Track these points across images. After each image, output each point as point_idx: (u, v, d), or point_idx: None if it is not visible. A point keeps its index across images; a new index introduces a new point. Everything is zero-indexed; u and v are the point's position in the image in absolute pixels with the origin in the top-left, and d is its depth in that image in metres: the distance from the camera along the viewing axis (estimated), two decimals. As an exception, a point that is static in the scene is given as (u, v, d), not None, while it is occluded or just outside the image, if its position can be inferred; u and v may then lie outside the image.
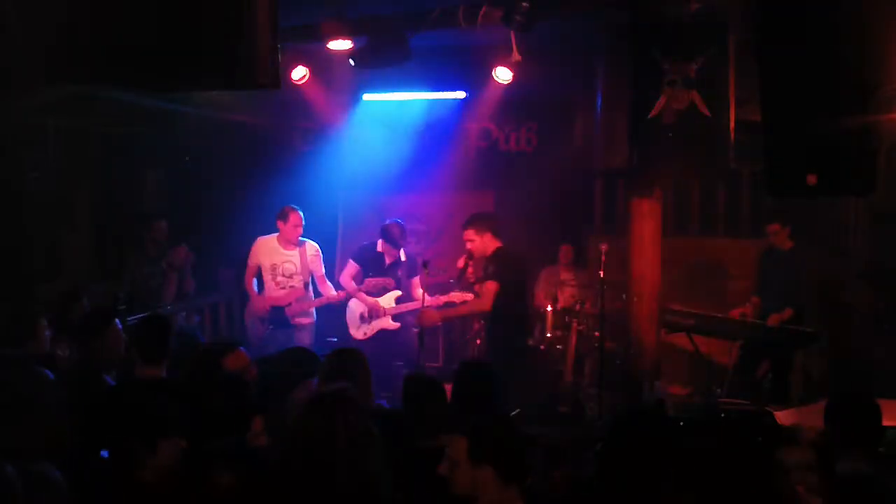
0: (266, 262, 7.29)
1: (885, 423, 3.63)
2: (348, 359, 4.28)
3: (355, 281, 7.48)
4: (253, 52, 3.90)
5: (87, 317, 5.03)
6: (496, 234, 6.47)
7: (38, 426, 3.06)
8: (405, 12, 7.02)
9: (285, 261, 7.27)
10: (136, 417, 3.18)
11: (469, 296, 7.51)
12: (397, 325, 7.46)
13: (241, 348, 4.30)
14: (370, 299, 7.42)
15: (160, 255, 7.26)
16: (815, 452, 3.17)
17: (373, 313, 7.45)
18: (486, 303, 6.33)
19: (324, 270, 7.44)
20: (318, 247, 7.42)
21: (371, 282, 7.34)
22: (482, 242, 6.45)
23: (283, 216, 7.23)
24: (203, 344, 5.07)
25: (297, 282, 7.26)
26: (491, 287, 6.29)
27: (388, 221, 7.47)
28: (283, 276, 7.27)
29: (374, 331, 7.47)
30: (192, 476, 3.11)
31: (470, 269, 6.64)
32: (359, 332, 7.52)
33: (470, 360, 6.07)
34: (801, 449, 3.17)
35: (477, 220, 6.53)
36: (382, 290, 7.39)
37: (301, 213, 7.25)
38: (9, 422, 3.02)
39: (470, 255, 6.54)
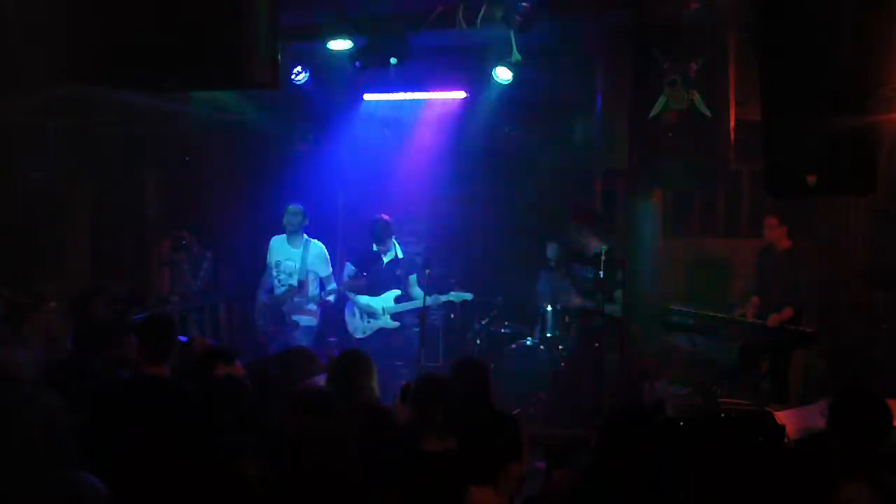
0: (272, 260, 7.40)
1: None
2: (354, 360, 4.29)
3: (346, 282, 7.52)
4: (253, 52, 3.91)
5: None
6: (598, 232, 6.94)
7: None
8: (405, 12, 7.02)
9: (287, 259, 7.35)
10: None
11: (468, 294, 7.52)
12: (396, 324, 7.47)
13: (238, 362, 4.30)
14: (364, 304, 7.44)
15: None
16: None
17: (370, 315, 7.46)
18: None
19: (330, 271, 7.45)
20: (323, 247, 7.44)
21: (349, 283, 7.38)
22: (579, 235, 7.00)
23: (284, 210, 7.31)
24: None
25: (294, 280, 7.29)
26: (622, 295, 6.76)
27: (374, 217, 7.53)
28: (284, 273, 7.33)
29: (374, 330, 7.48)
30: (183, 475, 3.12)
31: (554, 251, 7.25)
32: (358, 331, 7.54)
33: (465, 357, 6.09)
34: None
35: (576, 213, 7.12)
36: (360, 289, 7.41)
37: (300, 206, 7.29)
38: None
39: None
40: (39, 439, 3.01)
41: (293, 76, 8.06)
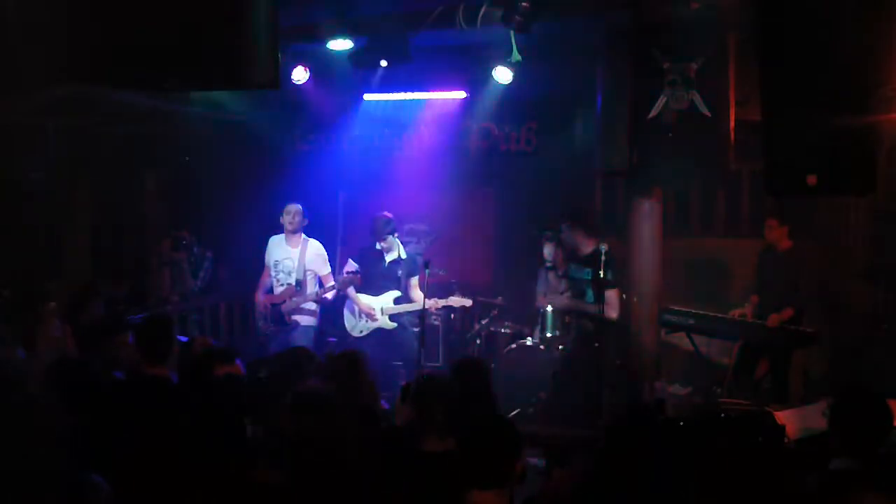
0: (271, 260, 7.39)
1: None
2: (349, 361, 4.29)
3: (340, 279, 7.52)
4: (253, 52, 3.91)
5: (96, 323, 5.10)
6: (590, 232, 6.83)
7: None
8: (405, 12, 7.02)
9: (286, 258, 7.33)
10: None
11: (468, 301, 7.52)
12: (394, 325, 7.46)
13: (238, 360, 4.29)
14: (364, 304, 7.43)
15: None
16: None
17: (367, 315, 7.46)
18: (615, 311, 6.66)
19: (329, 270, 7.45)
20: (321, 246, 7.43)
21: (343, 279, 7.39)
22: (573, 237, 6.88)
23: (282, 211, 7.31)
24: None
25: (293, 279, 7.29)
26: (614, 294, 6.63)
27: (376, 214, 7.53)
28: (283, 272, 7.32)
29: (371, 329, 7.48)
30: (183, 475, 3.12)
31: (551, 251, 7.20)
32: (355, 329, 7.54)
33: (466, 357, 6.09)
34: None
35: (570, 216, 6.98)
36: (354, 287, 7.43)
37: (298, 206, 7.29)
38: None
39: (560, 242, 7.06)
40: (39, 439, 3.02)
41: (293, 76, 8.06)
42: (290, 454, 2.86)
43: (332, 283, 7.39)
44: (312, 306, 7.34)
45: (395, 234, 7.52)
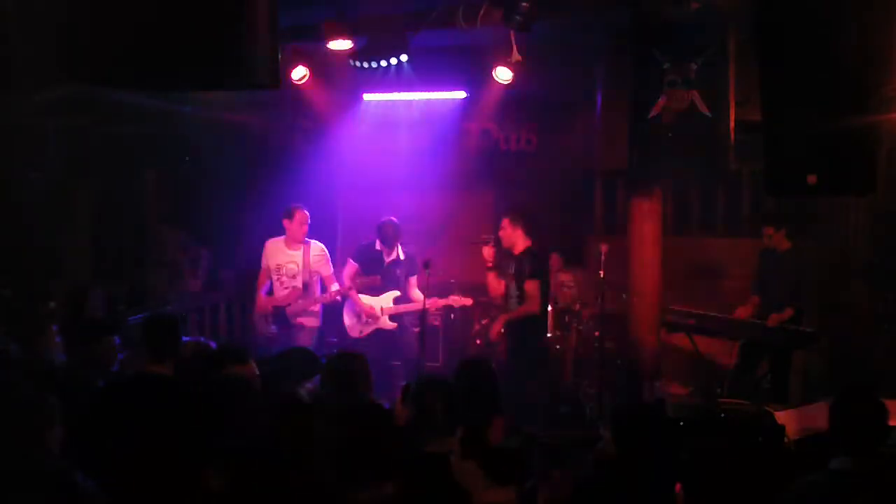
0: (272, 263, 7.34)
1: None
2: (349, 362, 4.29)
3: (354, 280, 7.49)
4: (253, 52, 3.90)
5: (87, 323, 5.10)
6: (528, 233, 6.75)
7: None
8: (405, 12, 7.03)
9: (289, 261, 7.30)
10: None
11: (468, 300, 7.51)
12: (394, 325, 7.45)
13: (252, 361, 4.27)
14: (366, 305, 7.42)
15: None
16: None
17: (368, 316, 7.44)
18: (535, 304, 6.60)
19: (331, 271, 7.44)
20: (323, 247, 7.42)
21: (358, 280, 7.36)
22: (512, 235, 6.74)
23: (289, 214, 7.26)
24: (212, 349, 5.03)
25: (299, 282, 7.26)
26: (534, 286, 6.57)
27: (382, 219, 7.49)
28: (287, 276, 7.28)
29: (371, 329, 7.47)
30: (184, 475, 3.12)
31: (490, 253, 6.91)
32: (355, 330, 7.53)
33: (470, 358, 6.07)
34: None
35: (513, 212, 6.87)
36: (370, 289, 7.39)
37: (307, 212, 7.27)
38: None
39: (497, 242, 6.89)
40: (36, 439, 3.02)
41: (293, 76, 8.06)
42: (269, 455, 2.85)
43: (337, 284, 7.39)
44: (316, 308, 7.34)
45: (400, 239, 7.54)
